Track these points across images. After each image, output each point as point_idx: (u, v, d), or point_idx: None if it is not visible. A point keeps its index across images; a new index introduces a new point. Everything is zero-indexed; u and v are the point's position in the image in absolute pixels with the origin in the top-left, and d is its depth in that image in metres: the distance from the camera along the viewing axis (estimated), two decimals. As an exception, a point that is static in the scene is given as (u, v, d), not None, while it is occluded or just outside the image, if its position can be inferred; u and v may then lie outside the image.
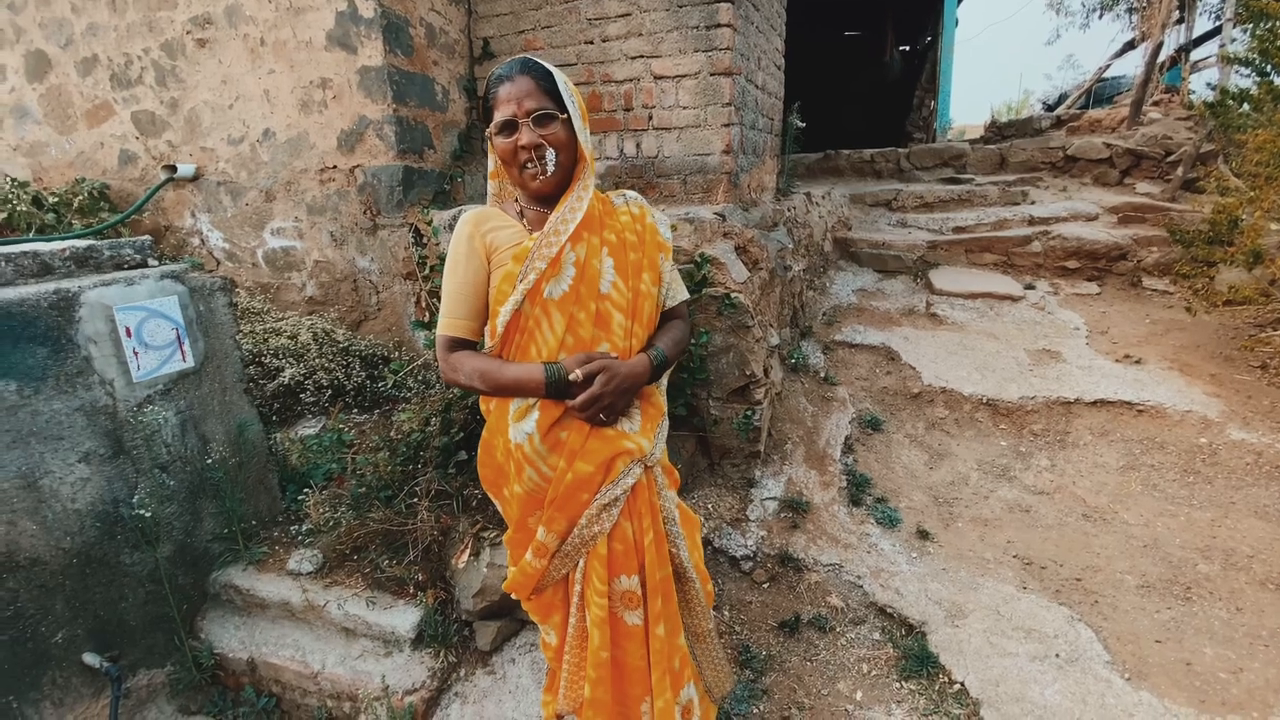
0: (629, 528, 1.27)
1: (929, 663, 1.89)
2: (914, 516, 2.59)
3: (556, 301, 1.23)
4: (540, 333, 1.23)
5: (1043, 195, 5.74)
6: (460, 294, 1.28)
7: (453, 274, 1.28)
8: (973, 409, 3.23)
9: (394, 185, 3.21)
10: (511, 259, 1.23)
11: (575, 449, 1.23)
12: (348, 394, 3.07)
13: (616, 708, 1.32)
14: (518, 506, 1.32)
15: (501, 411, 1.29)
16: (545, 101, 1.20)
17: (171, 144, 3.55)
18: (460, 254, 1.28)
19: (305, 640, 2.02)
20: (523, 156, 1.21)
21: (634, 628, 1.29)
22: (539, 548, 1.28)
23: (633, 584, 1.28)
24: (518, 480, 1.29)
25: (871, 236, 5.00)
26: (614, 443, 1.24)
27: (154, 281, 1.95)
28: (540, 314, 1.23)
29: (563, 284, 1.23)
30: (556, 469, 1.24)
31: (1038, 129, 7.61)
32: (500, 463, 1.34)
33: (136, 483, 1.92)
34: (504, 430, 1.29)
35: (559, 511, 1.25)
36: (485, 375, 1.24)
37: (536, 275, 1.20)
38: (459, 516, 2.07)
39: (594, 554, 1.26)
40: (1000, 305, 4.19)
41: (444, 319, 1.29)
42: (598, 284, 1.26)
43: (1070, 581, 2.25)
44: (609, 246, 1.28)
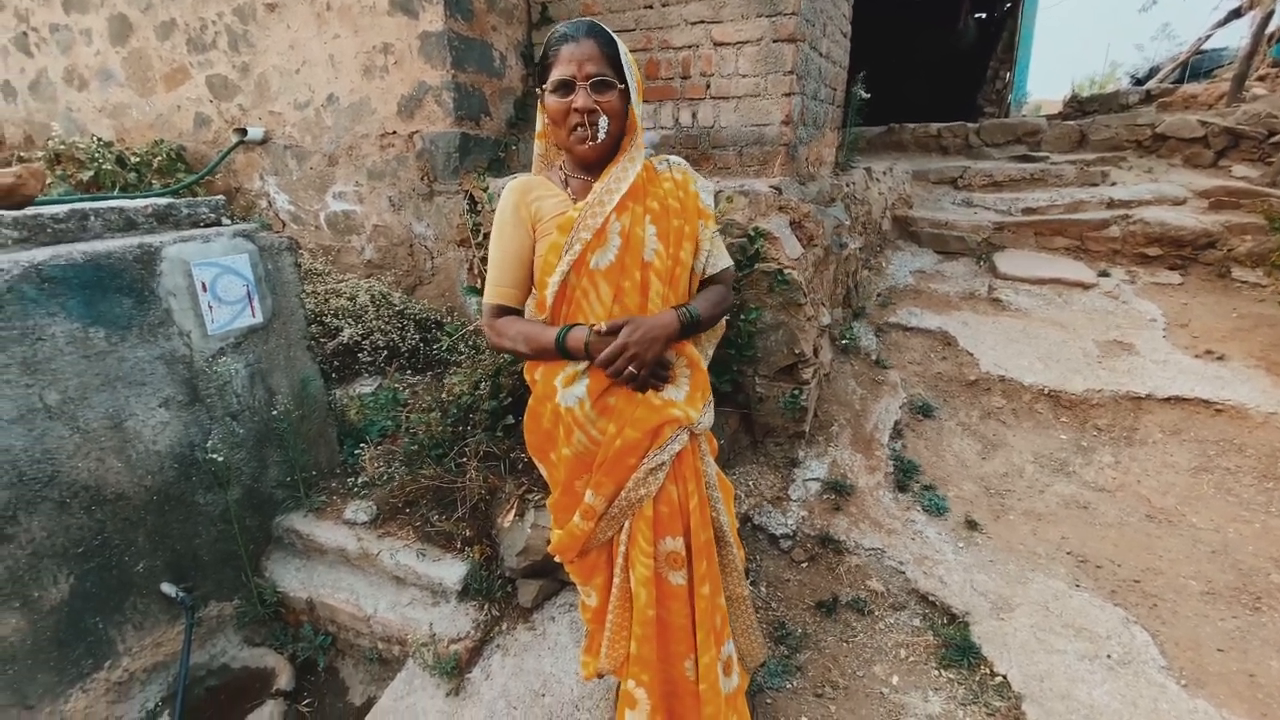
0: (674, 491, 1.30)
1: (970, 653, 1.85)
2: (963, 506, 2.52)
3: (603, 272, 1.23)
4: (588, 303, 1.24)
5: (1125, 176, 5.36)
6: (505, 263, 1.30)
7: (498, 243, 1.30)
8: (1032, 399, 3.10)
9: (450, 152, 3.25)
10: (556, 229, 1.23)
11: (625, 415, 1.24)
12: (402, 355, 3.18)
13: (661, 665, 1.35)
14: (565, 470, 1.34)
15: (549, 377, 1.31)
16: (606, 68, 1.18)
17: (242, 107, 3.67)
18: (506, 223, 1.29)
19: (359, 585, 2.13)
20: (574, 120, 1.20)
21: (678, 588, 1.32)
22: (586, 510, 1.31)
23: (677, 545, 1.31)
24: (566, 444, 1.31)
25: (934, 215, 4.79)
26: (661, 411, 1.25)
27: (227, 239, 2.04)
28: (588, 285, 1.24)
29: (608, 254, 1.23)
30: (606, 433, 1.26)
31: (1124, 104, 7.08)
32: (548, 428, 1.36)
33: (210, 429, 2.04)
34: (552, 395, 1.30)
35: (607, 475, 1.27)
36: (529, 338, 1.27)
37: (582, 246, 1.21)
38: (505, 478, 2.13)
39: (640, 516, 1.29)
40: (1070, 292, 3.97)
41: (490, 287, 1.32)
42: (641, 252, 1.25)
43: (1128, 583, 2.16)
44: (651, 214, 1.27)
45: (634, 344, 1.18)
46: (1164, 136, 5.64)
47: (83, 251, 1.74)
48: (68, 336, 1.71)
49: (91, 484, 1.79)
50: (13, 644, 1.67)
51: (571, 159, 1.30)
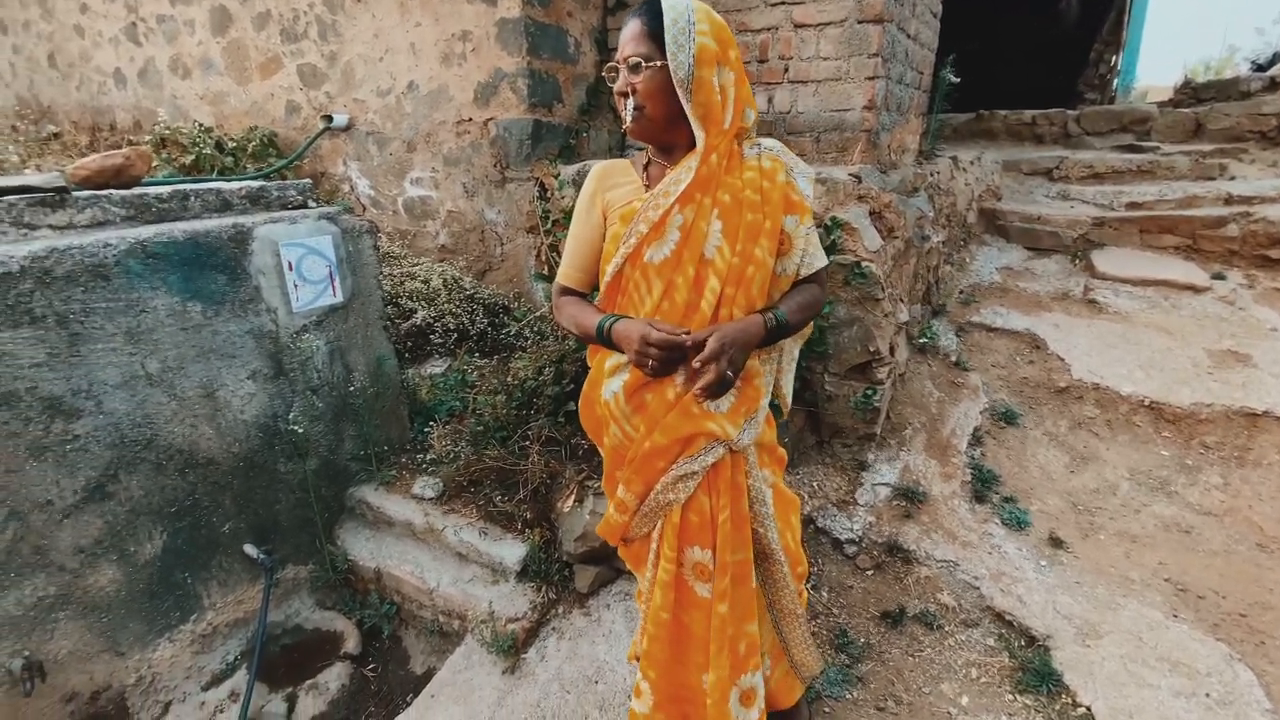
0: (706, 502, 1.24)
1: (1050, 679, 1.73)
2: (1046, 522, 2.35)
3: (656, 266, 1.19)
4: (638, 295, 1.22)
5: (1246, 170, 4.86)
6: (576, 247, 1.33)
7: (573, 228, 1.33)
8: (1130, 411, 2.86)
9: (524, 139, 3.27)
10: (619, 219, 1.24)
11: (656, 417, 1.21)
12: (471, 339, 3.25)
13: (675, 668, 1.34)
14: (607, 458, 1.37)
15: (601, 364, 1.31)
16: (641, 47, 1.13)
17: (329, 95, 3.83)
18: (581, 208, 1.31)
19: (424, 559, 2.19)
20: (619, 102, 1.20)
21: (703, 599, 1.28)
22: (620, 504, 1.31)
23: (705, 557, 1.26)
24: (607, 434, 1.33)
25: (1024, 209, 4.48)
26: (696, 420, 1.19)
27: (313, 221, 2.12)
28: (640, 277, 1.21)
29: (665, 248, 1.18)
30: (639, 431, 1.25)
31: (1245, 92, 6.39)
32: (599, 415, 1.35)
33: (292, 401, 2.14)
34: (598, 383, 1.31)
35: (635, 474, 1.26)
36: (577, 321, 1.28)
37: (638, 239, 1.19)
38: (565, 463, 2.14)
39: (668, 520, 1.26)
40: (1178, 296, 3.63)
41: (561, 267, 1.36)
42: (702, 248, 1.17)
43: (1233, 616, 1.96)
44: (720, 208, 1.17)
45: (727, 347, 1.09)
46: (1296, 126, 5.07)
47: (183, 230, 1.85)
48: (168, 309, 1.83)
49: (185, 448, 1.92)
50: (109, 594, 1.81)
51: (638, 141, 1.34)
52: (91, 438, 1.72)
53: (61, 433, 1.67)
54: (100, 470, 1.75)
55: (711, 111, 1.14)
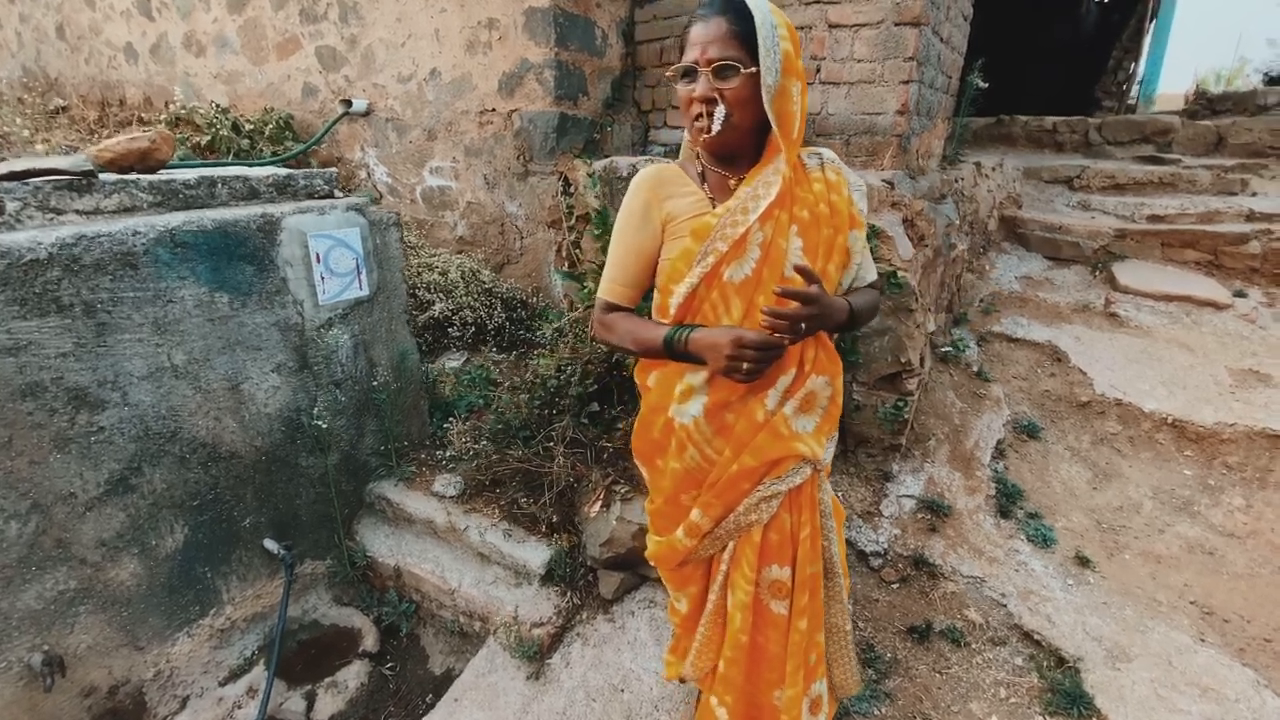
0: (787, 520, 1.22)
1: (1081, 702, 1.71)
2: (1072, 539, 2.34)
3: (736, 286, 1.12)
4: (714, 316, 1.14)
5: (1268, 186, 4.82)
6: (625, 260, 1.23)
7: (621, 238, 1.23)
8: (1153, 428, 2.84)
9: (549, 132, 3.22)
10: (690, 234, 1.14)
11: (744, 439, 1.17)
12: (489, 333, 3.21)
13: (748, 688, 1.31)
14: (672, 482, 1.28)
15: (665, 389, 1.24)
16: (730, 50, 1.04)
17: (348, 79, 3.76)
18: (633, 220, 1.21)
19: (445, 558, 2.17)
20: (695, 110, 1.09)
21: (778, 616, 1.27)
22: (691, 528, 1.25)
23: (783, 574, 1.24)
24: (677, 458, 1.24)
25: (1045, 218, 4.45)
26: (787, 443, 1.16)
27: (341, 213, 2.08)
28: (718, 298, 1.14)
29: (745, 267, 1.12)
30: (721, 454, 1.20)
31: (1262, 105, 6.36)
32: (657, 439, 1.29)
33: (316, 395, 2.11)
34: (665, 408, 1.24)
35: (717, 497, 1.21)
36: (637, 337, 1.20)
37: (716, 258, 1.11)
38: (591, 466, 2.11)
39: (747, 540, 1.23)
40: (1199, 312, 3.61)
41: (606, 282, 1.25)
42: (782, 266, 1.13)
43: (1259, 641, 1.95)
44: (799, 224, 1.14)
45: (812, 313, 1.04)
46: (1319, 142, 5.03)
47: (212, 218, 1.81)
48: (195, 300, 1.79)
49: (209, 441, 1.88)
50: (129, 587, 1.78)
51: (706, 153, 1.19)
52: (116, 430, 1.68)
53: (86, 424, 1.63)
54: (124, 463, 1.71)
55: (788, 121, 1.10)
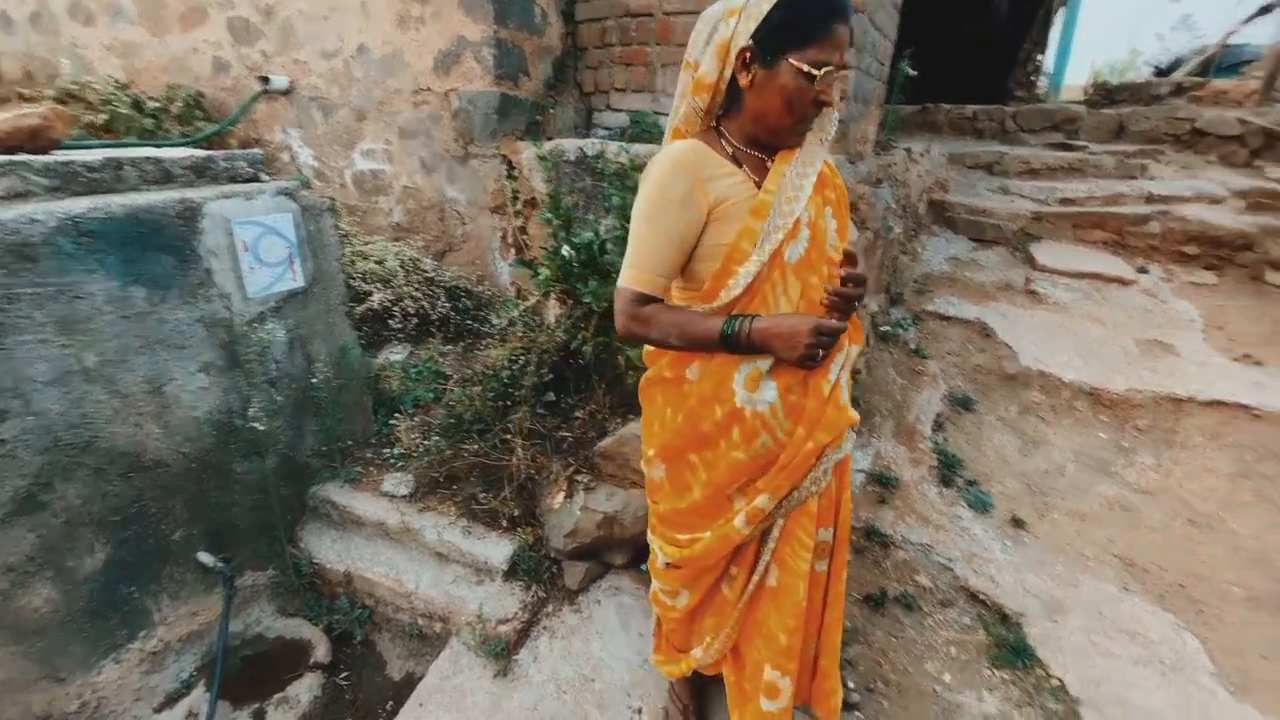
0: (833, 484, 1.31)
1: (1025, 655, 1.83)
2: (1007, 503, 2.49)
3: (794, 265, 1.14)
4: (774, 298, 1.14)
5: (1164, 171, 5.25)
6: (664, 246, 1.12)
7: (655, 221, 1.12)
8: (1072, 396, 3.05)
9: (489, 113, 3.11)
10: (750, 214, 1.11)
11: (815, 417, 1.18)
12: (433, 324, 3.09)
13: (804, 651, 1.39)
14: (728, 473, 1.23)
15: (718, 380, 1.18)
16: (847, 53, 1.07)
17: (265, 54, 3.50)
18: (672, 200, 1.10)
19: (399, 560, 2.08)
20: (811, 111, 1.09)
21: (820, 575, 1.37)
22: (755, 513, 1.22)
23: (828, 535, 1.35)
24: (744, 447, 1.20)
25: (969, 201, 4.68)
26: (846, 415, 1.21)
27: (270, 198, 1.93)
28: (778, 278, 1.14)
29: (799, 246, 1.14)
30: (794, 435, 1.19)
31: (1155, 95, 6.92)
32: (708, 431, 1.22)
33: (249, 395, 1.96)
34: (726, 398, 1.18)
35: (787, 478, 1.20)
36: (685, 331, 1.12)
37: (782, 235, 1.11)
38: (551, 457, 2.07)
39: (804, 512, 1.26)
40: (1108, 288, 3.90)
41: (635, 270, 1.14)
42: (825, 245, 1.18)
43: (1174, 588, 2.14)
44: (831, 205, 1.21)
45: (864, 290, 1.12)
46: (1202, 132, 5.52)
47: (121, 204, 1.64)
48: (107, 295, 1.62)
49: (130, 450, 1.72)
50: (44, 615, 1.61)
51: (750, 136, 1.15)
52: (19, 442, 1.51)
53: (-17, 437, 1.45)
54: (31, 478, 1.54)
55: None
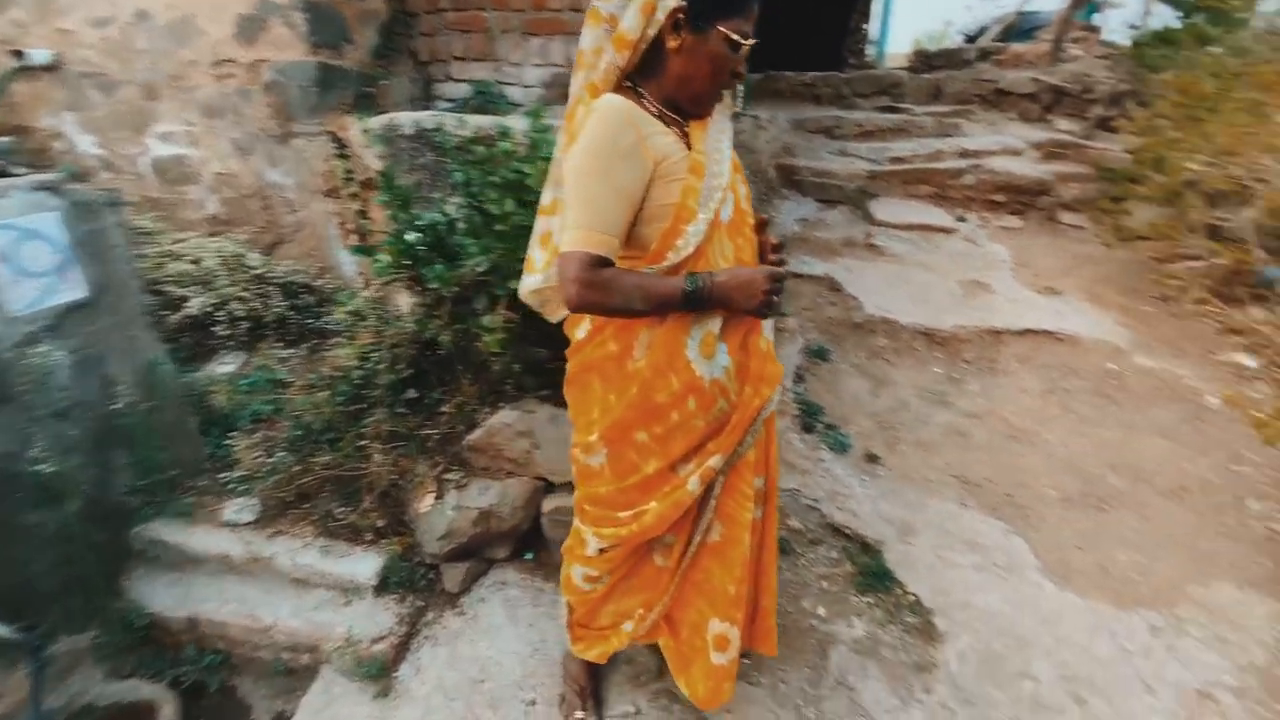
0: (764, 434, 1.35)
1: (885, 578, 2.01)
2: (862, 441, 2.70)
3: (726, 226, 1.17)
4: (714, 258, 1.15)
5: (974, 128, 5.86)
6: (614, 203, 1.06)
7: (606, 175, 1.06)
8: (911, 338, 3.36)
9: (308, 85, 2.80)
10: (689, 171, 1.11)
11: (759, 373, 1.24)
12: (268, 326, 2.78)
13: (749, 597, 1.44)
14: (684, 443, 1.22)
15: (671, 350, 1.16)
16: None
17: (19, 24, 2.90)
18: (620, 153, 1.05)
19: (252, 594, 1.88)
20: (728, 80, 1.12)
21: (756, 521, 1.40)
22: (707, 473, 1.24)
23: (761, 484, 1.38)
24: (703, 415, 1.20)
25: (813, 164, 4.96)
26: (778, 365, 1.30)
27: (24, 195, 1.61)
28: (718, 238, 1.15)
29: (729, 208, 1.17)
30: (743, 394, 1.23)
31: (965, 60, 7.69)
32: (660, 404, 1.19)
33: (30, 433, 1.65)
34: (680, 368, 1.16)
35: (738, 435, 1.24)
36: (649, 293, 1.08)
37: (720, 195, 1.13)
38: (416, 459, 1.95)
39: (744, 464, 1.30)
40: (935, 237, 4.32)
41: (585, 231, 1.06)
42: (744, 208, 1.24)
43: (1003, 497, 2.43)
44: (737, 169, 1.24)
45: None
46: (1004, 92, 6.21)
47: None
48: None
49: None
50: None
51: (670, 100, 1.15)
52: None
53: None
54: None
55: None
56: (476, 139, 2.14)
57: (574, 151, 1.08)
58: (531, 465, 1.85)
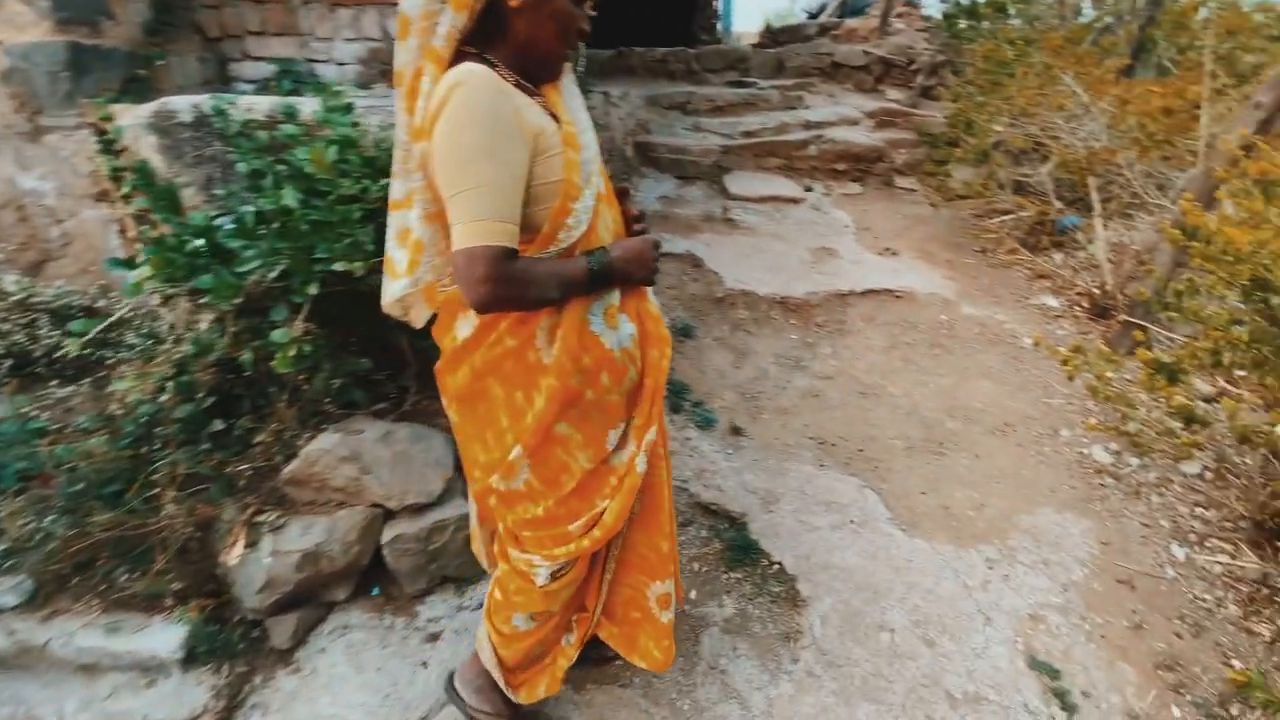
0: None
1: (751, 550, 2.03)
2: (727, 415, 2.72)
3: (605, 196, 1.15)
4: (599, 235, 1.12)
5: (816, 100, 6.13)
6: (510, 186, 0.97)
7: (492, 157, 0.94)
8: (768, 308, 3.45)
9: (57, 70, 2.34)
10: (565, 144, 1.04)
11: (656, 336, 1.22)
12: (37, 362, 2.31)
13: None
14: (601, 422, 1.18)
15: (580, 325, 1.10)
16: None
17: None
18: (502, 129, 0.95)
19: (28, 691, 1.55)
20: (575, 40, 1.08)
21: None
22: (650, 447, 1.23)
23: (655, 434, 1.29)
24: (616, 388, 1.17)
25: (670, 141, 4.95)
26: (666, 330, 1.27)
27: None
28: (599, 210, 1.11)
29: (600, 179, 1.13)
30: (649, 358, 1.21)
31: (807, 35, 8.05)
32: (574, 388, 1.12)
33: None
34: (589, 346, 1.11)
35: (660, 399, 1.25)
36: (563, 278, 1.04)
37: (595, 167, 1.10)
38: (223, 503, 1.68)
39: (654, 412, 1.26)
40: (785, 208, 4.47)
41: (491, 222, 0.95)
42: (608, 179, 1.20)
43: (856, 453, 2.55)
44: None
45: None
46: (840, 64, 6.55)
47: None
48: None
49: None
50: None
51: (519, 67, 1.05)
52: None
53: None
54: None
55: None
56: (262, 123, 1.86)
57: (446, 133, 0.94)
58: (363, 493, 1.66)
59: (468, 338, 1.12)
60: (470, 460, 1.25)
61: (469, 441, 1.22)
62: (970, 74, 4.24)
